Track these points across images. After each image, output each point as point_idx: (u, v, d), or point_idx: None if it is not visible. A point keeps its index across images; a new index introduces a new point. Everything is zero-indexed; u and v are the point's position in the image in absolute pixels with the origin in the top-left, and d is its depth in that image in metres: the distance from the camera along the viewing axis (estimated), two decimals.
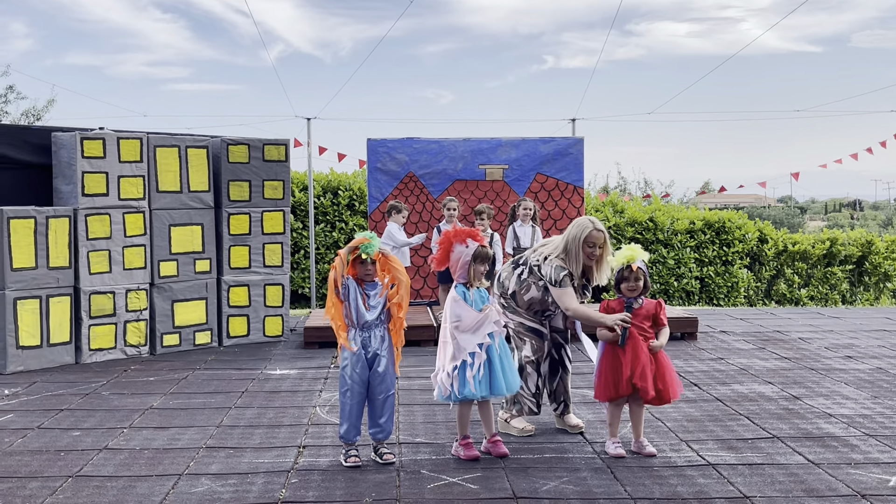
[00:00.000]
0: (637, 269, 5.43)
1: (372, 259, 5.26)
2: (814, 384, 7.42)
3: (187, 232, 9.32)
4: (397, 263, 5.32)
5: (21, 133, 9.34)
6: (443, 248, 5.42)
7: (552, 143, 11.42)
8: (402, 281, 5.27)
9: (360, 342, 5.28)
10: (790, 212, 52.43)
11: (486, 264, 5.40)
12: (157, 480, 4.95)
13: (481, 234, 5.51)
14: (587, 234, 5.68)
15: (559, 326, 6.11)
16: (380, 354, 5.29)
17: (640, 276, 5.45)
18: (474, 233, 5.40)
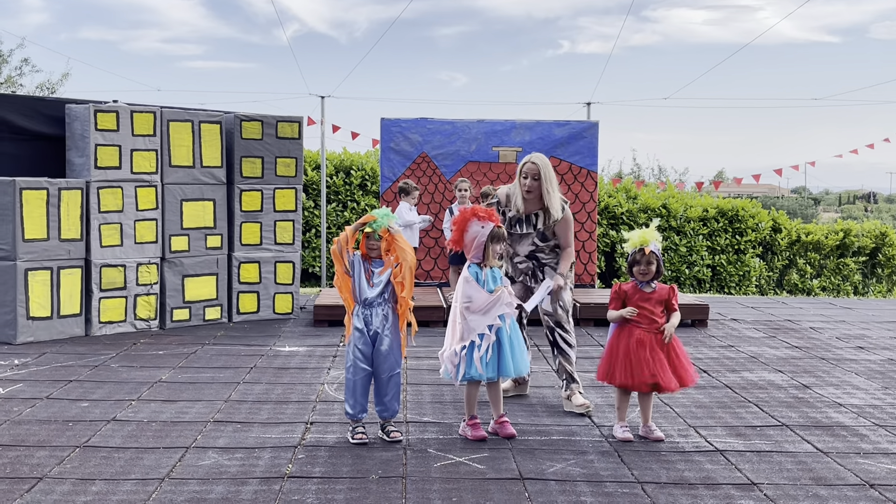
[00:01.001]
0: (649, 252, 5.36)
1: (378, 235, 5.24)
2: (824, 373, 7.38)
3: (199, 207, 9.32)
4: (404, 243, 5.28)
5: (35, 104, 9.34)
6: (458, 227, 5.38)
7: (566, 127, 11.36)
8: (407, 261, 5.23)
9: (363, 319, 5.26)
10: (804, 202, 52.18)
11: (501, 244, 5.38)
12: (164, 452, 4.96)
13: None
14: (521, 166, 5.94)
15: (548, 310, 6.09)
16: (381, 333, 5.26)
17: (653, 259, 5.37)
18: (490, 212, 5.36)
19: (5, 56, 26.16)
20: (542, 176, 5.90)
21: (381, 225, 5.22)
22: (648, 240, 5.37)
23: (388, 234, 5.24)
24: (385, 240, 5.25)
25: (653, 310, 5.36)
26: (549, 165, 5.99)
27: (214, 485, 4.45)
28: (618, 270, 14.33)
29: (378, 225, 5.22)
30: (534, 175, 5.90)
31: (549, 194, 5.94)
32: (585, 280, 11.35)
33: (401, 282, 5.25)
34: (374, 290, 5.26)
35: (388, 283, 5.28)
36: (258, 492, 4.36)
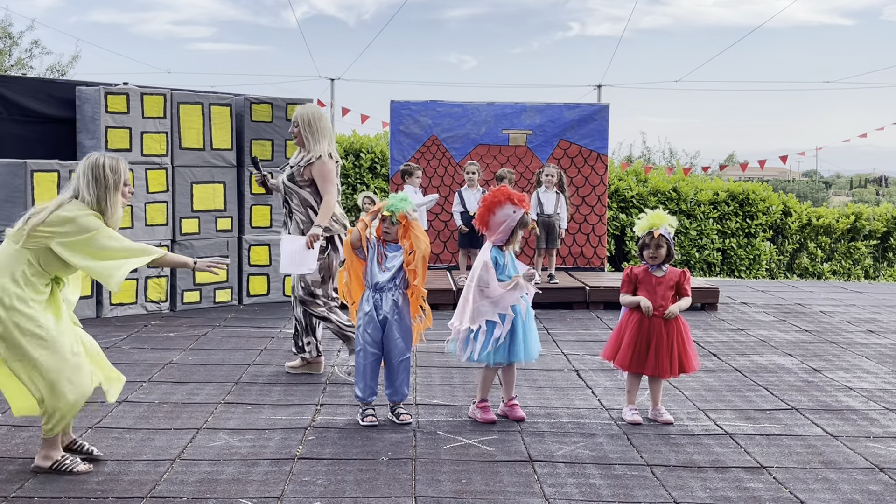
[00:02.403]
0: (658, 236, 5.32)
1: (394, 220, 5.22)
2: (834, 357, 7.37)
3: (209, 190, 9.34)
4: (420, 231, 5.26)
5: (46, 86, 9.35)
6: (488, 207, 5.23)
7: (577, 110, 11.32)
8: (420, 249, 5.21)
9: (372, 303, 5.27)
10: (815, 186, 51.95)
11: (525, 229, 5.34)
12: (175, 434, 4.99)
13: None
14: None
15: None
16: (390, 318, 5.26)
17: (662, 243, 5.33)
18: (522, 197, 5.31)
19: (16, 38, 26.16)
20: (300, 124, 6.21)
21: (397, 209, 5.19)
22: (658, 223, 5.33)
23: (405, 219, 5.22)
24: (402, 225, 5.23)
25: (663, 294, 5.34)
26: (315, 117, 6.23)
27: (225, 465, 4.48)
28: (627, 254, 14.31)
29: (395, 208, 5.19)
30: (294, 123, 6.27)
31: (308, 141, 6.19)
32: (595, 263, 11.34)
33: (413, 269, 5.24)
34: (385, 274, 5.25)
35: (400, 268, 5.27)
36: (269, 473, 4.38)
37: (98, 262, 4.22)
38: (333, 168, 6.19)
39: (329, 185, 6.15)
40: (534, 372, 6.58)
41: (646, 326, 5.31)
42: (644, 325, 5.31)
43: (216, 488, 4.17)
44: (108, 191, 4.30)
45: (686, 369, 5.38)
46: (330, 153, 6.20)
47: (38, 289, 4.19)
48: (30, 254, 4.18)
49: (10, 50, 26.08)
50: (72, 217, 4.19)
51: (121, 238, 4.29)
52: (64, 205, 4.25)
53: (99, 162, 4.32)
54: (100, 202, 4.28)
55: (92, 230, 4.19)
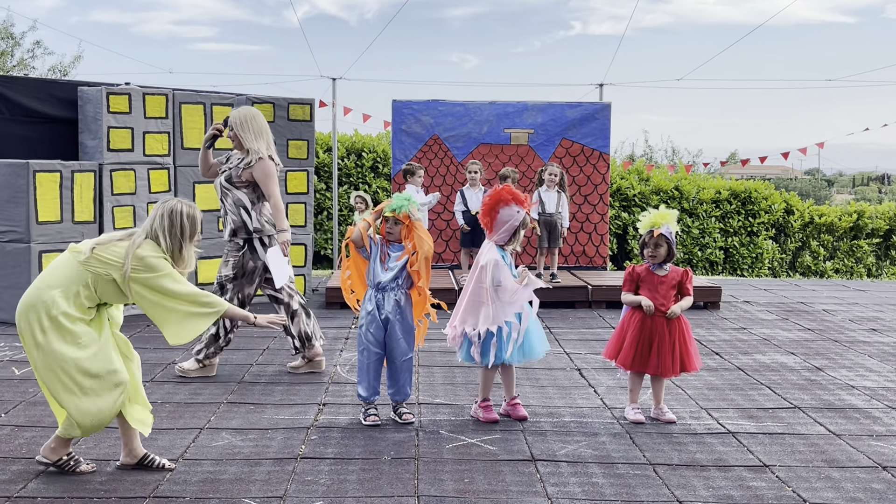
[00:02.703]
0: (658, 235, 5.30)
1: (396, 219, 5.21)
2: (837, 356, 7.36)
3: (211, 189, 9.33)
4: (423, 232, 5.24)
5: (48, 87, 9.35)
6: (492, 205, 5.24)
7: (579, 108, 11.32)
8: (423, 250, 5.19)
9: (374, 303, 5.27)
10: (817, 184, 51.88)
11: (525, 230, 5.35)
12: (178, 433, 4.99)
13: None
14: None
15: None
16: (392, 319, 5.26)
17: (662, 242, 5.30)
18: (526, 198, 5.31)
19: (18, 39, 26.18)
20: (234, 126, 6.19)
21: (400, 208, 5.18)
22: (659, 222, 5.31)
23: (409, 219, 5.21)
24: (406, 226, 5.22)
25: (665, 294, 5.33)
26: (249, 118, 6.21)
27: (228, 465, 4.48)
28: (629, 252, 14.31)
29: (398, 208, 5.18)
30: (229, 126, 6.24)
31: (245, 143, 6.16)
32: (597, 262, 11.33)
33: (417, 270, 5.22)
34: (387, 273, 5.24)
35: (403, 268, 5.26)
36: (271, 472, 4.39)
37: (159, 304, 4.23)
38: (274, 170, 6.16)
39: (273, 185, 6.13)
40: (536, 371, 6.58)
41: (648, 326, 5.31)
42: (646, 325, 5.31)
43: (219, 488, 4.17)
44: (183, 240, 4.33)
45: (687, 368, 5.37)
46: (270, 155, 6.17)
47: (85, 309, 4.20)
48: (90, 277, 4.18)
49: (12, 50, 26.10)
50: (142, 255, 4.20)
51: (186, 283, 4.30)
52: (137, 241, 4.25)
53: (178, 209, 4.33)
54: (173, 249, 4.30)
55: (159, 271, 4.21)
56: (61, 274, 4.20)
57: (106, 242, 4.24)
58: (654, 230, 5.30)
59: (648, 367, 5.33)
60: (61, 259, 4.29)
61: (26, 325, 4.16)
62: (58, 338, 4.12)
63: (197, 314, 4.30)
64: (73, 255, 4.25)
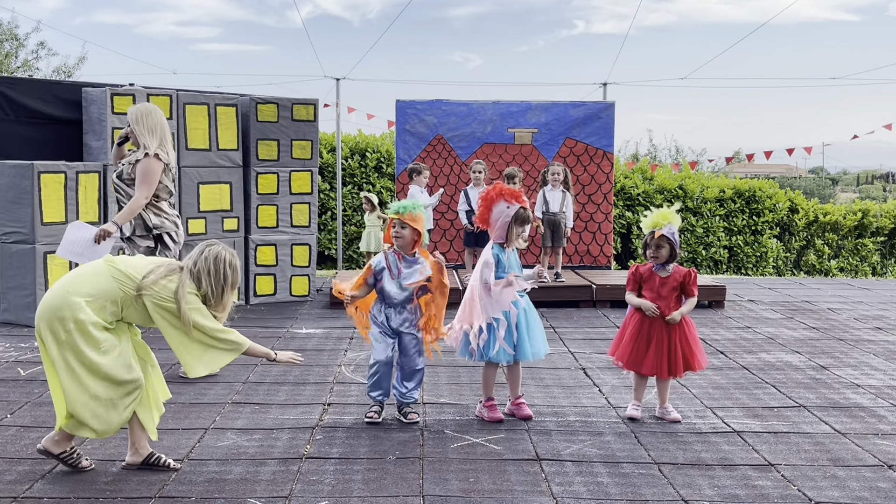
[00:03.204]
0: (660, 236, 5.27)
1: (402, 223, 5.20)
2: (842, 354, 7.35)
3: (215, 190, 9.35)
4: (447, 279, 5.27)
5: (52, 88, 9.37)
6: (485, 205, 5.27)
7: (582, 108, 11.32)
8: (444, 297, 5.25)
9: (384, 314, 5.28)
10: (821, 182, 51.79)
11: (525, 226, 5.31)
12: (183, 434, 5.00)
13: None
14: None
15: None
16: (403, 332, 5.28)
17: (663, 243, 5.27)
18: (517, 194, 5.30)
19: (22, 40, 26.22)
20: (130, 122, 6.11)
21: (406, 209, 5.17)
22: (661, 223, 5.28)
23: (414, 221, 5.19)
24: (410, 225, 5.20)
25: (667, 295, 5.31)
26: (143, 114, 6.10)
27: (233, 465, 4.49)
28: (633, 252, 14.30)
29: (403, 208, 5.17)
30: (126, 123, 6.21)
31: (138, 139, 6.08)
32: (601, 262, 11.33)
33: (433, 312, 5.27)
34: (401, 293, 5.26)
35: (417, 292, 5.29)
36: (277, 472, 4.39)
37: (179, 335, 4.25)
38: (157, 168, 6.05)
39: (144, 185, 6.01)
40: (541, 370, 6.58)
41: (646, 326, 5.31)
42: (644, 325, 5.31)
43: (224, 488, 4.18)
44: (225, 285, 4.34)
45: (692, 367, 5.36)
46: (157, 153, 6.07)
47: (108, 320, 4.21)
48: (122, 296, 4.19)
49: (16, 52, 26.14)
50: (174, 287, 4.21)
51: (212, 319, 4.31)
52: (169, 272, 4.26)
53: (222, 256, 4.34)
54: (213, 293, 4.31)
55: (191, 304, 4.22)
56: (93, 283, 4.19)
57: (153, 279, 4.22)
58: (655, 231, 5.28)
59: (643, 367, 5.33)
60: (95, 268, 4.27)
61: (47, 326, 4.12)
62: (82, 340, 4.11)
63: (218, 349, 4.33)
64: (108, 268, 4.23)
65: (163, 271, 4.24)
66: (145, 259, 4.40)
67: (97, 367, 4.12)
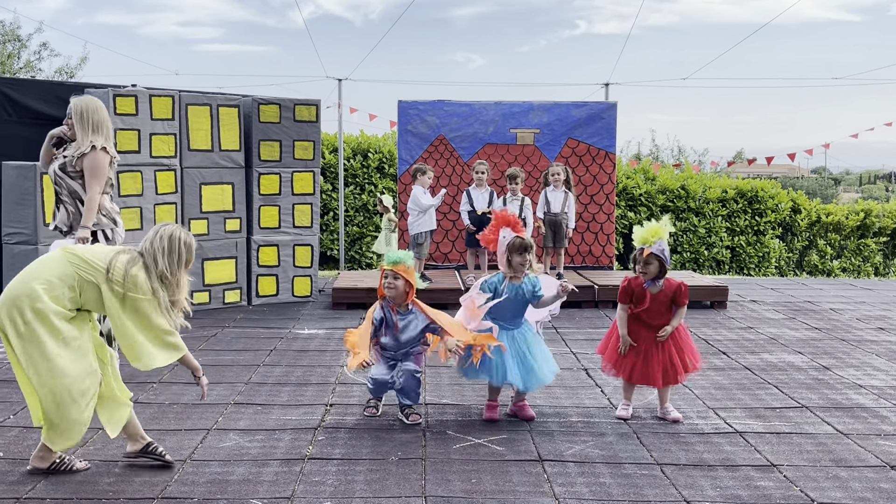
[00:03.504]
0: (648, 254, 5.25)
1: (395, 273, 5.19)
2: (844, 355, 7.35)
3: (218, 191, 9.36)
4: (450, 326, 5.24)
5: (55, 89, 9.39)
6: (494, 229, 5.36)
7: (584, 108, 11.31)
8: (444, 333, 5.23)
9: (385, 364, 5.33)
10: (824, 182, 51.75)
11: (524, 255, 5.28)
12: (185, 434, 5.00)
13: (516, 213, 5.44)
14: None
15: None
16: (403, 360, 5.34)
17: (652, 260, 5.25)
18: (512, 222, 5.30)
19: (24, 41, 26.25)
20: (73, 115, 6.05)
21: (399, 260, 5.15)
22: (650, 239, 5.25)
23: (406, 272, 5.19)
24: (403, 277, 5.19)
25: (658, 309, 5.30)
26: (89, 108, 6.05)
27: (236, 466, 4.49)
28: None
29: (397, 260, 5.15)
30: (68, 115, 6.10)
31: (81, 132, 6.02)
32: (604, 262, 11.33)
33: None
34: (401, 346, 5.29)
35: (419, 336, 5.31)
36: (279, 473, 4.40)
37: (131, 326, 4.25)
38: (105, 162, 6.03)
39: (94, 179, 5.99)
40: None
41: (634, 336, 5.34)
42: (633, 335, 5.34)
43: (227, 489, 4.18)
44: (180, 265, 4.35)
45: (688, 369, 5.37)
46: (104, 146, 6.05)
47: (66, 306, 4.22)
48: (77, 279, 4.21)
49: (18, 53, 26.16)
50: (135, 274, 4.23)
51: (165, 317, 4.32)
52: (131, 259, 4.27)
53: (177, 235, 4.36)
54: (169, 273, 4.31)
55: (144, 295, 4.23)
56: (49, 269, 4.22)
57: (120, 269, 4.24)
58: (644, 248, 5.27)
59: (631, 376, 5.35)
60: (51, 256, 4.32)
61: (7, 317, 4.14)
62: (43, 330, 4.12)
63: (159, 350, 4.33)
64: (65, 254, 4.27)
65: (126, 259, 4.26)
66: (103, 246, 4.43)
67: (56, 359, 4.13)
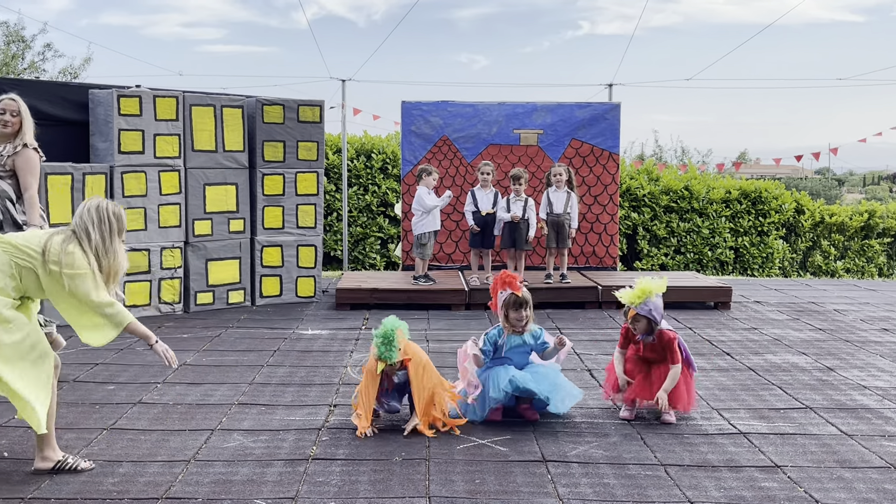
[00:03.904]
0: (634, 315, 5.26)
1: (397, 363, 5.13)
2: (848, 356, 7.34)
3: (222, 191, 9.36)
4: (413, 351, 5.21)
5: (59, 90, 9.39)
6: (494, 289, 5.45)
7: (588, 109, 11.30)
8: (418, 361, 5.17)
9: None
10: (828, 183, 51.69)
11: (519, 311, 5.30)
12: (189, 435, 5.01)
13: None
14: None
15: None
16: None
17: (640, 319, 5.27)
18: (513, 280, 5.35)
19: (28, 42, 26.29)
20: (23, 113, 6.12)
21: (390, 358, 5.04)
22: (636, 301, 5.24)
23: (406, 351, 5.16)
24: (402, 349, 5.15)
25: (654, 355, 5.36)
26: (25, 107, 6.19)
27: (240, 466, 4.50)
28: (639, 253, 14.29)
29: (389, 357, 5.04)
30: (12, 111, 6.12)
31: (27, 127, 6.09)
32: (607, 263, 11.32)
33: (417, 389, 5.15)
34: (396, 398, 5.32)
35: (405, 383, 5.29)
36: (283, 473, 4.40)
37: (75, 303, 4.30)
38: (38, 160, 6.08)
39: (32, 178, 6.01)
40: None
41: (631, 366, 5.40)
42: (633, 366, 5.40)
43: (231, 489, 4.19)
44: (112, 234, 4.39)
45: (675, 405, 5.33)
46: (35, 146, 6.08)
47: (11, 295, 4.26)
48: (15, 267, 4.24)
49: (23, 53, 26.20)
50: (71, 251, 4.26)
51: (102, 289, 4.34)
52: (65, 238, 4.30)
53: (104, 206, 4.42)
54: (102, 244, 4.34)
55: (81, 270, 4.26)
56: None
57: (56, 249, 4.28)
58: (630, 308, 5.28)
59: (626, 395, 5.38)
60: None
61: None
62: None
63: (102, 324, 4.35)
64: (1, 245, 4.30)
65: (60, 239, 4.29)
66: (36, 231, 4.47)
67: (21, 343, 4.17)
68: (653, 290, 5.26)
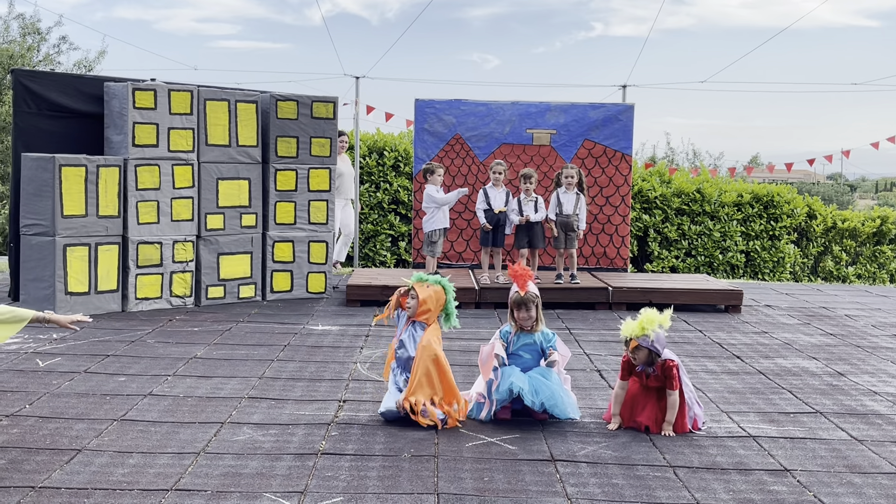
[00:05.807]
0: (634, 346, 5.17)
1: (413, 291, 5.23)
2: (859, 361, 7.32)
3: (234, 186, 9.39)
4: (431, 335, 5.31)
5: (74, 82, 9.43)
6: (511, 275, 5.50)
7: (601, 109, 11.29)
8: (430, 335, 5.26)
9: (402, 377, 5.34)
10: (840, 189, 51.49)
11: (522, 310, 5.33)
12: (199, 427, 5.03)
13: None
14: None
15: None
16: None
17: (640, 350, 5.17)
18: (525, 277, 5.37)
19: (44, 34, 26.38)
20: None
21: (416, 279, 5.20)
22: (638, 334, 5.15)
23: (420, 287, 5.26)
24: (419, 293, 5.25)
25: (654, 384, 5.27)
26: None
27: (249, 460, 4.51)
28: (650, 254, 14.27)
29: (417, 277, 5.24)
30: None
31: None
32: (618, 264, 11.31)
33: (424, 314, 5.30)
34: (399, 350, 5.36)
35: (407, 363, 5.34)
36: (292, 467, 4.41)
37: None
38: None
39: None
40: None
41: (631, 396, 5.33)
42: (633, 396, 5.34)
43: (240, 482, 4.20)
44: None
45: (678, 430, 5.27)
46: None
47: None
48: None
49: (38, 45, 26.29)
50: None
51: None
52: None
53: None
54: None
55: None
56: None
57: None
58: (631, 340, 5.18)
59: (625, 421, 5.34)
60: None
61: None
62: None
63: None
64: None
65: None
66: None
67: None
68: (655, 322, 5.18)
